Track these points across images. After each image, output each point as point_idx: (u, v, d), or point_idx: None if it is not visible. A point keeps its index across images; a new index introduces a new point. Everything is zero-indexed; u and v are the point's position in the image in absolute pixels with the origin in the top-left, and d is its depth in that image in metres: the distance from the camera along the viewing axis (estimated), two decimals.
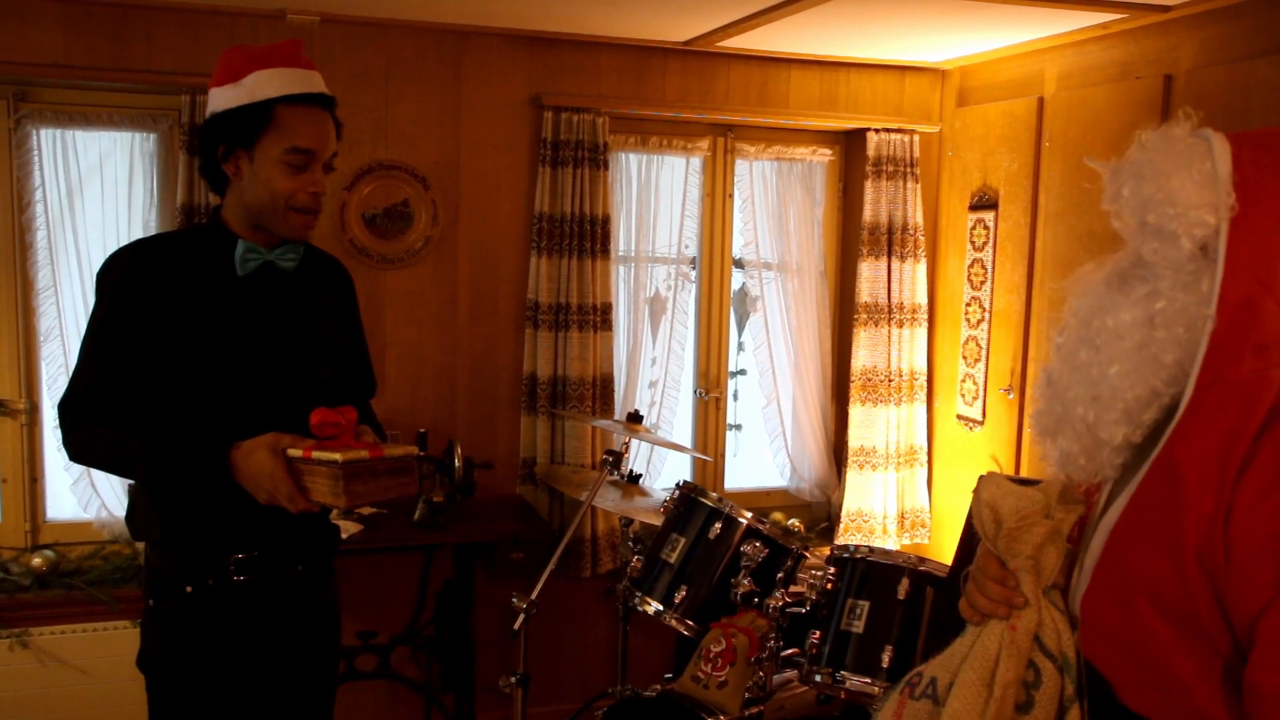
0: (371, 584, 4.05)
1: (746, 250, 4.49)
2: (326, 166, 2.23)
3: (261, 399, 2.22)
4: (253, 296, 2.24)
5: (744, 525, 3.06)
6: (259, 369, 2.23)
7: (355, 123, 3.87)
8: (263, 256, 2.23)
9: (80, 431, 2.16)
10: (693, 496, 3.18)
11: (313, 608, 2.40)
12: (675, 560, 3.11)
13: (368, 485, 2.03)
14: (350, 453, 2.00)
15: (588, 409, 4.09)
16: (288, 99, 2.15)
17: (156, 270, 2.19)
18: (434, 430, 3.96)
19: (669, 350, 4.39)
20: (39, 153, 3.68)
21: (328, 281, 2.42)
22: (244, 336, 2.22)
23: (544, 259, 4.03)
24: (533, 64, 4.03)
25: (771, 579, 2.98)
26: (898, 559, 2.69)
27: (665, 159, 4.31)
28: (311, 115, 2.19)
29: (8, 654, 3.55)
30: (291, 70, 2.18)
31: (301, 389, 2.27)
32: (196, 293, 2.20)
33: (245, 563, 2.24)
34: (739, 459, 4.73)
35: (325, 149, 2.21)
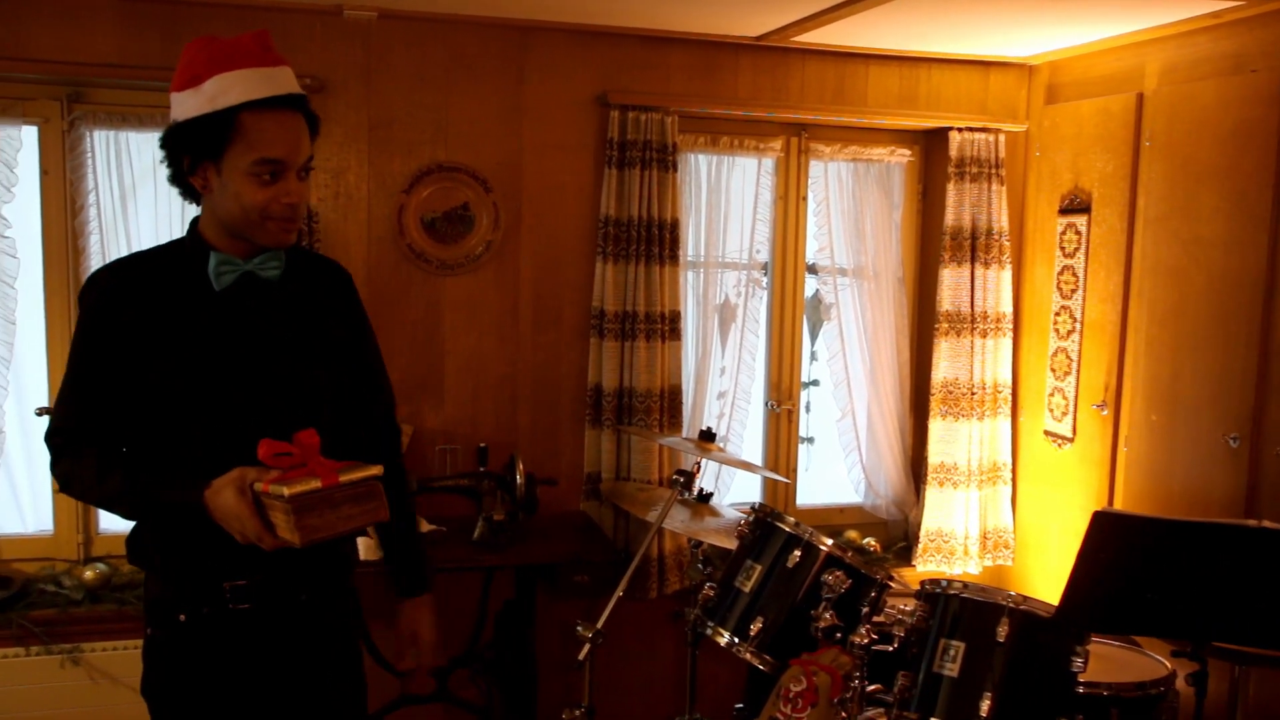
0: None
1: (821, 255, 4.28)
2: (302, 172, 2.04)
3: (252, 418, 2.05)
4: (234, 311, 2.08)
5: (824, 553, 2.85)
6: (245, 387, 2.07)
7: (414, 122, 3.73)
8: (239, 268, 2.06)
9: (63, 466, 2.05)
10: (769, 521, 2.97)
11: (324, 637, 2.23)
12: (750, 589, 2.90)
13: (325, 517, 1.84)
14: (299, 484, 1.82)
15: (655, 422, 3.91)
16: (253, 105, 1.95)
17: (131, 292, 2.04)
18: (495, 444, 3.80)
19: (739, 360, 4.19)
20: (92, 155, 3.58)
21: (321, 285, 2.23)
22: (226, 354, 2.06)
23: (610, 265, 3.85)
24: (599, 61, 3.86)
25: (854, 612, 2.76)
26: (996, 597, 2.46)
27: (736, 160, 4.12)
28: (280, 121, 1.99)
29: (59, 670, 3.45)
30: (256, 71, 1.98)
31: (296, 404, 2.11)
32: (174, 312, 2.04)
33: (243, 590, 2.09)
34: (811, 473, 4.52)
35: (297, 156, 2.01)
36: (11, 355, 3.59)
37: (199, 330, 2.04)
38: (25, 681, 3.42)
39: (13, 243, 3.56)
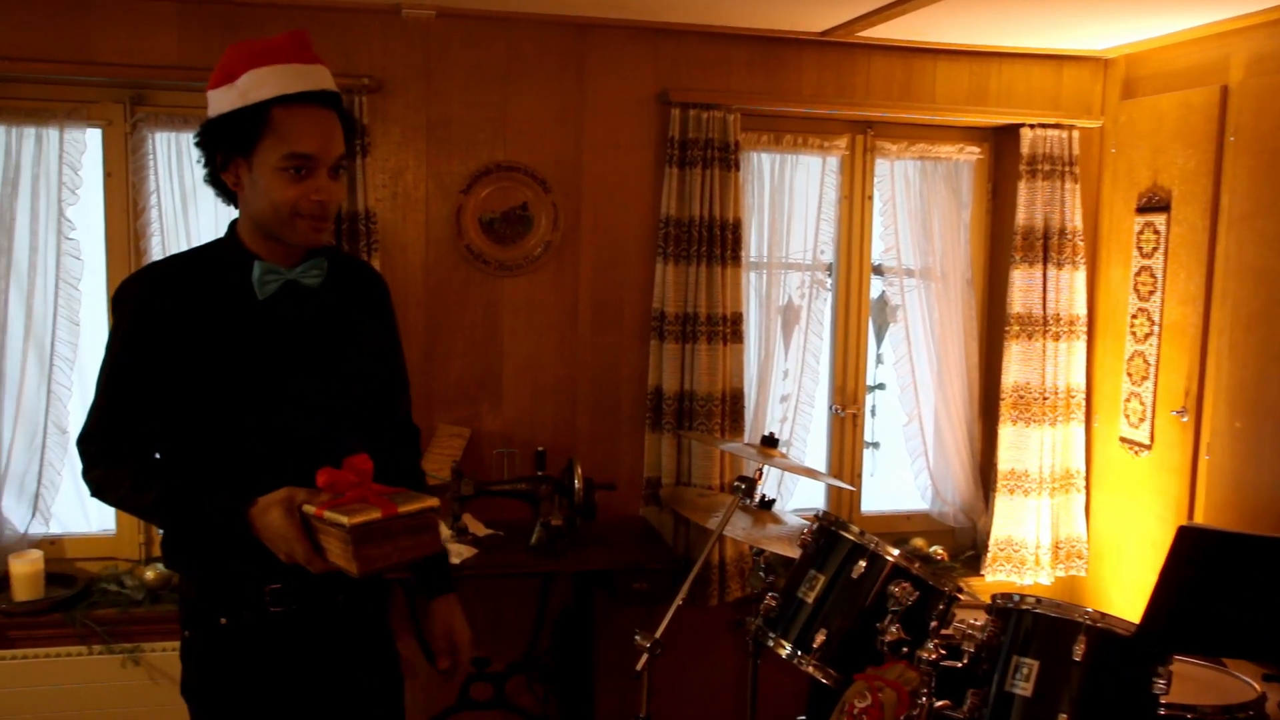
0: (486, 608, 3.85)
1: (887, 256, 4.17)
2: (334, 170, 1.99)
3: (291, 428, 2.04)
4: (274, 319, 2.04)
5: (890, 564, 2.76)
6: (286, 396, 2.04)
7: (472, 122, 3.70)
8: (283, 276, 2.03)
9: (96, 473, 2.01)
10: (833, 530, 2.89)
11: (361, 639, 2.21)
12: (813, 600, 2.82)
13: (382, 548, 1.81)
14: (359, 514, 1.79)
15: (716, 426, 3.83)
16: (285, 99, 1.92)
17: (169, 297, 2.00)
18: (553, 447, 3.75)
19: (803, 363, 4.10)
20: (154, 157, 3.59)
21: (358, 290, 2.21)
22: (267, 363, 2.03)
23: (670, 266, 3.78)
24: (659, 58, 3.79)
25: (922, 625, 2.67)
26: (1073, 613, 2.35)
27: (800, 158, 4.02)
28: (312, 116, 1.95)
29: (120, 670, 3.46)
30: (289, 67, 1.95)
31: (334, 416, 2.09)
32: (214, 319, 2.01)
33: (282, 593, 2.06)
34: (877, 479, 4.42)
35: (328, 152, 1.97)
36: (75, 356, 3.62)
37: (239, 338, 2.01)
38: (87, 679, 3.44)
39: (77, 244, 3.58)
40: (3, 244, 3.50)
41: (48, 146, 3.51)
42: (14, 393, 3.56)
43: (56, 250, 3.54)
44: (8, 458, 3.57)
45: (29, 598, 3.49)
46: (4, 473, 3.57)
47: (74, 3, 3.39)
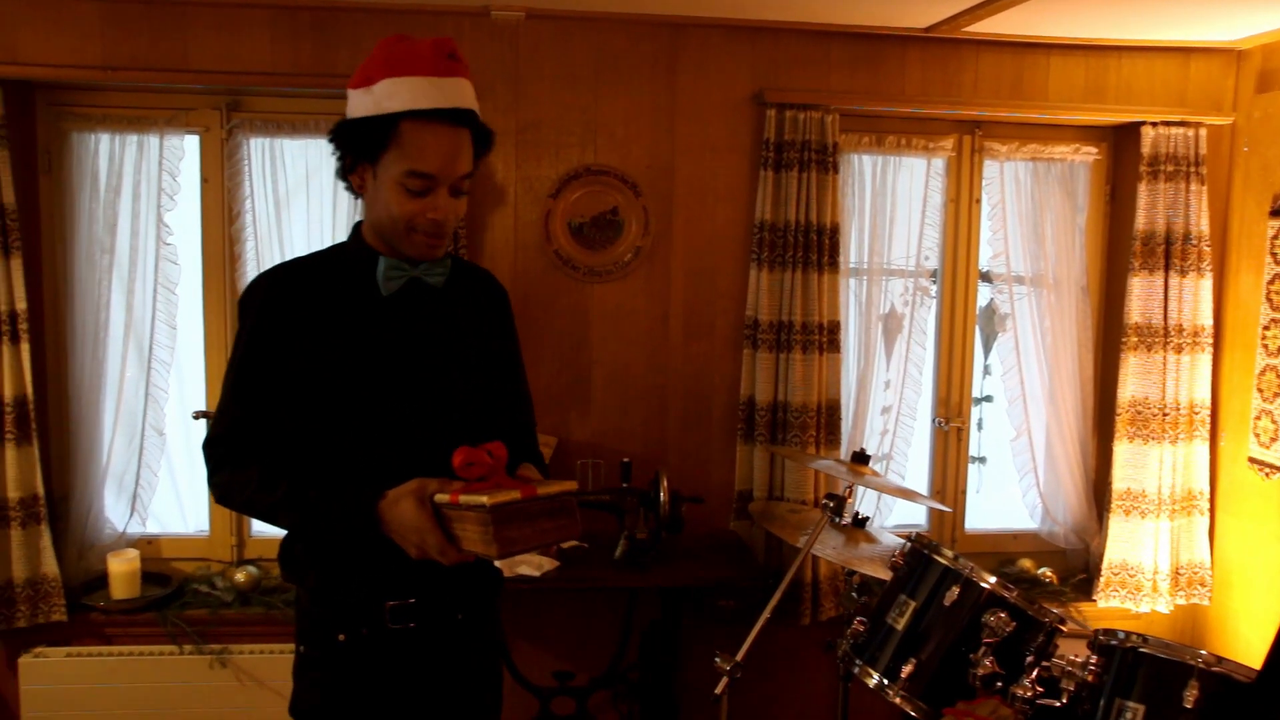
0: (571, 621, 3.79)
1: (995, 262, 3.97)
2: (456, 190, 1.96)
3: (416, 426, 2.02)
4: (399, 316, 2.04)
5: (986, 591, 2.58)
6: (411, 393, 2.02)
7: (562, 125, 3.63)
8: (407, 273, 2.02)
9: (223, 475, 2.00)
10: (925, 553, 2.72)
11: (473, 657, 2.16)
12: (903, 627, 2.66)
13: (522, 530, 1.77)
14: (499, 494, 1.75)
15: (810, 439, 3.69)
16: (415, 114, 1.88)
17: (296, 297, 2.00)
18: (641, 458, 3.66)
19: (904, 374, 3.93)
20: (249, 163, 3.62)
21: (479, 295, 2.19)
22: (393, 360, 2.02)
23: (765, 272, 3.66)
24: (755, 57, 3.67)
25: (1019, 658, 2.49)
26: (1184, 655, 2.15)
27: (903, 160, 3.85)
28: (439, 134, 1.90)
29: (207, 671, 3.49)
30: (426, 80, 1.89)
31: (456, 413, 2.07)
32: (340, 317, 2.01)
33: (402, 610, 2.03)
34: (982, 496, 4.20)
35: (450, 173, 1.92)
36: (173, 359, 3.67)
37: (366, 335, 2.01)
38: (176, 679, 3.48)
39: (174, 250, 3.63)
40: (106, 249, 3.57)
41: (148, 153, 3.57)
42: (114, 393, 3.63)
43: (155, 255, 3.60)
44: (108, 457, 3.64)
45: (125, 596, 3.55)
46: (104, 471, 3.64)
47: (171, 11, 3.43)
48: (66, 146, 3.59)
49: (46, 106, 3.58)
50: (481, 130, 2.00)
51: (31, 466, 3.44)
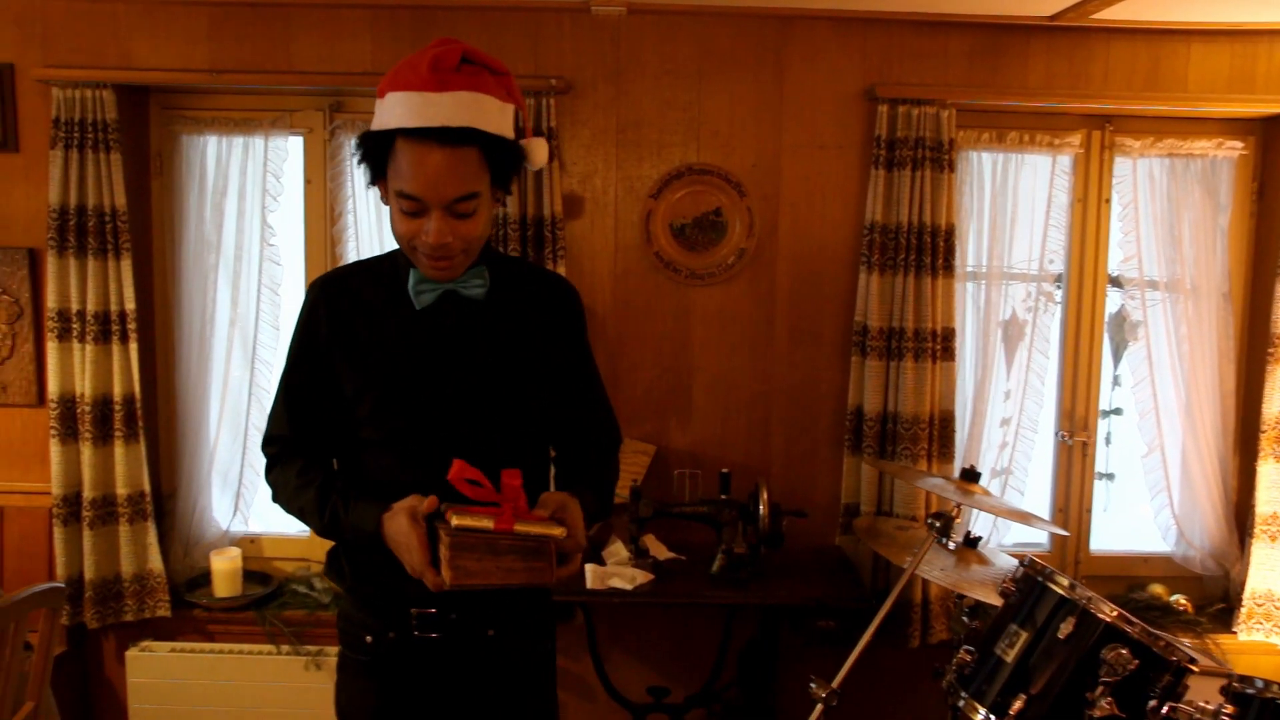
0: (666, 635, 3.69)
1: (1126, 266, 3.70)
2: (454, 212, 1.82)
3: (444, 440, 1.93)
4: (431, 329, 1.96)
5: (1105, 624, 2.36)
6: (438, 408, 1.95)
7: (664, 123, 3.52)
8: (439, 287, 1.94)
9: (273, 475, 2.06)
10: (1038, 579, 2.52)
11: (510, 677, 2.07)
12: (1013, 659, 2.46)
13: (482, 563, 1.70)
14: (469, 519, 1.70)
15: (922, 452, 3.50)
16: (405, 132, 1.78)
17: (339, 302, 1.98)
18: (742, 468, 3.54)
19: (1025, 384, 3.70)
20: (350, 164, 3.61)
21: (539, 305, 2.06)
22: (421, 373, 1.95)
23: (875, 276, 3.48)
24: (866, 50, 3.49)
25: (1141, 700, 2.28)
26: None
27: (1025, 158, 3.62)
28: (424, 155, 1.77)
29: (303, 673, 3.50)
30: (415, 95, 1.78)
31: (487, 430, 1.97)
32: (375, 326, 1.97)
33: (428, 619, 1.99)
34: (1109, 515, 3.94)
35: (436, 195, 1.79)
36: (275, 360, 3.68)
37: (396, 345, 1.96)
38: (273, 679, 3.49)
39: (278, 250, 3.64)
40: (213, 250, 3.61)
41: (253, 155, 3.59)
42: (219, 393, 3.66)
43: (259, 256, 3.62)
44: (213, 455, 3.68)
45: (227, 594, 3.59)
46: (210, 470, 3.68)
47: (276, 14, 3.44)
48: (177, 149, 3.64)
49: (159, 110, 3.64)
50: (498, 146, 1.83)
51: (139, 464, 3.50)
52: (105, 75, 3.40)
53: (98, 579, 3.50)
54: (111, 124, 3.39)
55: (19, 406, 3.59)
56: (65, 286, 3.42)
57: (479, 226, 1.86)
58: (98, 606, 3.50)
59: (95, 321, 3.42)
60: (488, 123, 1.81)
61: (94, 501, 3.46)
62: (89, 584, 3.48)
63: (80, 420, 3.45)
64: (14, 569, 3.60)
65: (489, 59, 1.87)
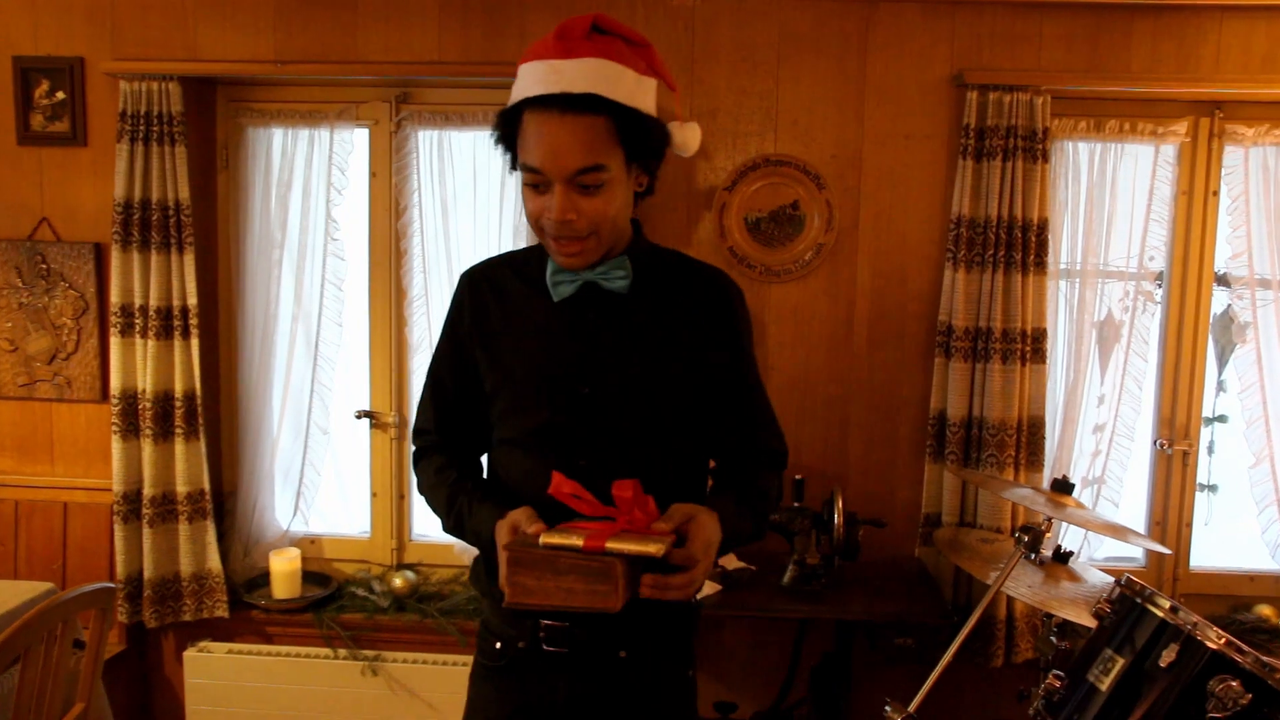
0: (735, 647, 3.53)
1: (1234, 264, 3.45)
2: (580, 185, 1.70)
3: (579, 441, 1.82)
4: (572, 323, 1.84)
5: (1211, 653, 2.16)
6: (574, 408, 1.83)
7: (740, 112, 3.37)
8: (578, 278, 1.82)
9: (419, 470, 2.01)
10: (1137, 601, 2.31)
11: (644, 701, 1.92)
12: (1107, 688, 2.26)
13: (542, 582, 1.59)
14: (562, 536, 1.60)
15: (1009, 460, 3.29)
16: (529, 102, 1.70)
17: (487, 291, 1.92)
18: (819, 473, 3.37)
19: (1121, 388, 3.47)
20: (417, 156, 3.51)
21: (691, 300, 1.88)
22: (557, 367, 1.84)
23: (961, 272, 3.29)
24: (955, 34, 3.30)
25: None
26: None
27: (1126, 147, 3.39)
28: (544, 123, 1.69)
29: (359, 678, 3.41)
30: (542, 64, 1.70)
31: (624, 433, 1.83)
32: (512, 320, 1.89)
33: (557, 632, 1.86)
34: (1211, 529, 3.68)
35: (556, 167, 1.68)
36: (337, 357, 3.61)
37: (531, 341, 1.87)
38: (330, 683, 3.41)
39: (341, 245, 3.56)
40: (277, 244, 3.54)
41: (318, 148, 3.52)
42: (281, 390, 3.60)
43: (323, 251, 3.55)
44: (274, 453, 3.61)
45: (286, 595, 3.52)
46: (271, 468, 3.62)
47: (343, 3, 3.36)
48: (243, 142, 3.58)
49: (226, 103, 3.58)
50: (631, 118, 1.71)
51: (199, 462, 3.44)
52: (171, 68, 3.35)
53: (157, 578, 3.45)
54: (177, 116, 3.33)
55: (84, 402, 3.56)
56: (129, 281, 3.38)
57: (610, 206, 1.73)
58: (156, 606, 3.45)
59: (157, 317, 3.37)
60: (618, 92, 1.69)
61: (154, 499, 3.42)
62: (148, 583, 3.44)
63: (141, 417, 3.40)
64: (76, 565, 3.57)
65: (625, 29, 1.77)
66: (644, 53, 1.77)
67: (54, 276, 3.49)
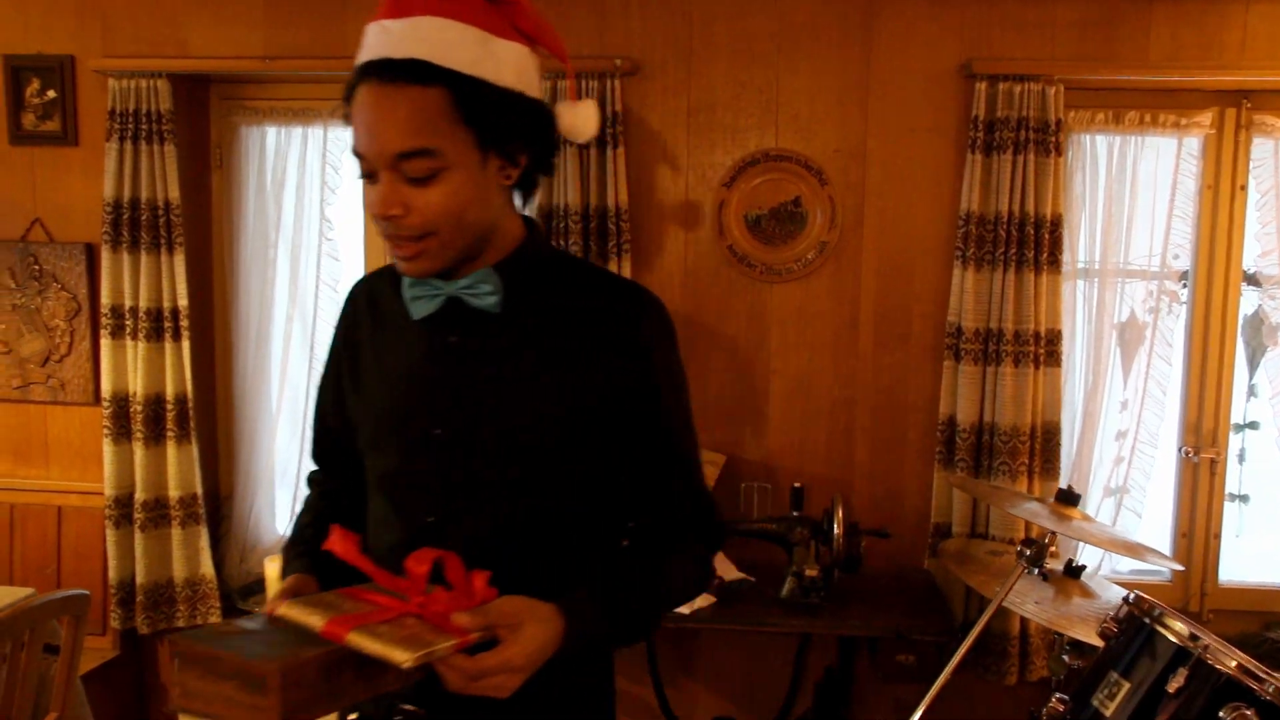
0: (735, 661, 3.41)
1: (1264, 262, 3.27)
2: (409, 176, 1.34)
3: (444, 496, 1.48)
4: (434, 347, 1.50)
5: (1225, 678, 2.01)
6: (431, 452, 1.48)
7: (739, 106, 3.25)
8: (439, 293, 1.46)
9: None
10: (1145, 621, 2.17)
11: None
12: (1111, 714, 2.12)
13: (204, 683, 1.23)
14: (302, 611, 1.27)
15: (1022, 467, 3.15)
16: (362, 73, 1.37)
17: (357, 313, 1.62)
18: (824, 481, 3.26)
19: (1144, 393, 3.31)
20: None
21: (590, 323, 1.48)
22: (412, 405, 1.51)
23: (971, 271, 3.15)
24: (963, 22, 3.16)
25: None
26: None
27: (1146, 140, 3.23)
28: (363, 99, 1.36)
29: None
30: (375, 26, 1.39)
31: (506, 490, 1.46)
32: (377, 342, 1.57)
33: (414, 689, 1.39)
34: (1242, 541, 3.50)
35: (375, 149, 1.34)
36: None
37: (391, 368, 1.54)
38: None
39: (336, 246, 3.50)
40: (271, 244, 3.49)
41: (311, 146, 3.45)
42: (276, 392, 3.55)
43: (318, 251, 3.49)
44: (269, 457, 3.56)
45: None
46: (266, 472, 3.56)
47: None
48: (236, 140, 3.53)
49: (219, 101, 3.53)
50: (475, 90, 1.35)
51: (191, 466, 3.39)
52: (160, 64, 3.30)
53: (149, 583, 3.40)
54: (166, 115, 3.28)
55: (77, 404, 3.53)
56: (119, 282, 3.34)
57: (452, 200, 1.35)
58: (149, 611, 3.40)
59: (147, 318, 3.32)
60: (456, 57, 1.34)
61: (146, 504, 3.37)
62: (140, 588, 3.39)
63: (132, 419, 3.36)
64: (71, 569, 3.54)
65: None
66: (506, 10, 1.40)
67: (46, 278, 3.46)
